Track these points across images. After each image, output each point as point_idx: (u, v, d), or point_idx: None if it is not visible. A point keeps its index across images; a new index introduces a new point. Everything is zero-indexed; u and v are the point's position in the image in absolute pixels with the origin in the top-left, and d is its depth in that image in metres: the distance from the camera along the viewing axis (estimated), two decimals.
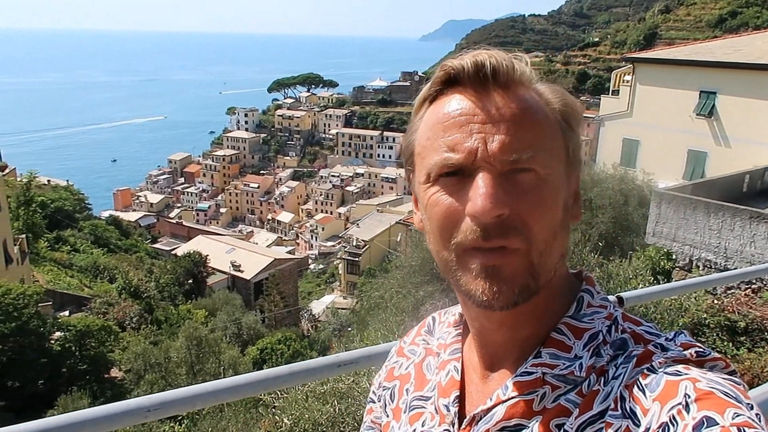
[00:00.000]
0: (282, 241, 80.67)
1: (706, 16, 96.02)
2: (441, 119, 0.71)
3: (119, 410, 0.93)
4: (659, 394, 0.61)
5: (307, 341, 30.43)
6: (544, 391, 0.70)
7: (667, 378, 0.62)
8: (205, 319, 29.74)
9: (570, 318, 0.73)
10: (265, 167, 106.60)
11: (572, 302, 0.75)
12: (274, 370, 1.11)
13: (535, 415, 0.69)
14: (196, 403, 1.00)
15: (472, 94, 0.70)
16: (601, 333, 0.71)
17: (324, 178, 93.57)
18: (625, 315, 0.74)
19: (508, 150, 0.67)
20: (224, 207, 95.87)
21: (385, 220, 52.72)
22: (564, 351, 0.71)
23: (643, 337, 0.70)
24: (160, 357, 20.84)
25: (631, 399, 0.63)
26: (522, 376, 0.71)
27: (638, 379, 0.64)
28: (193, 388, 1.03)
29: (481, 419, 0.73)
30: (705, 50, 23.35)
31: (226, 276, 44.04)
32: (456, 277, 0.71)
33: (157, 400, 0.97)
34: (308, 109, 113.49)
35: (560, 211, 0.71)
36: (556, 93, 0.74)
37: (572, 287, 0.77)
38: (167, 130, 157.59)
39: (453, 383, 0.80)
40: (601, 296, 0.76)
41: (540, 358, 0.71)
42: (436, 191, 0.70)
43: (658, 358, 0.65)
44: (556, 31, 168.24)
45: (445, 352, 0.85)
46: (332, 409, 4.09)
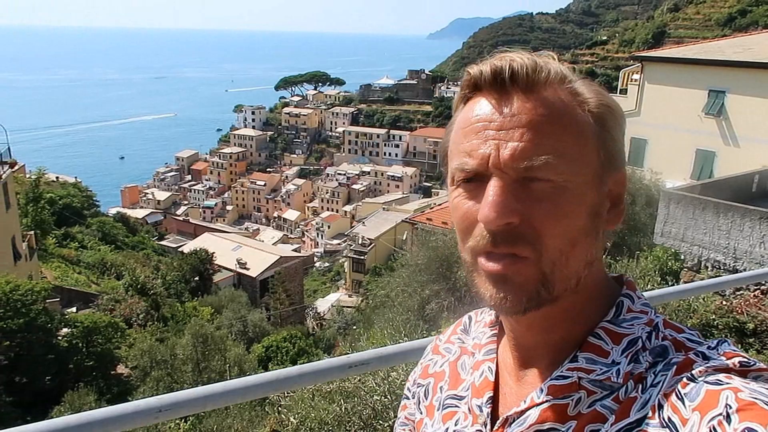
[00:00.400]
0: (288, 238, 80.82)
1: (715, 15, 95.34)
2: (463, 124, 0.72)
3: (130, 410, 0.93)
4: (699, 404, 0.59)
5: (312, 339, 30.47)
6: (580, 396, 0.68)
7: (708, 387, 0.60)
8: (211, 316, 29.85)
9: (608, 323, 0.72)
10: (271, 165, 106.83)
11: (611, 307, 0.73)
12: (284, 371, 1.10)
13: (569, 420, 0.68)
14: (207, 404, 0.99)
15: (491, 99, 0.70)
16: (641, 339, 0.69)
17: (330, 176, 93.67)
18: (667, 321, 0.72)
19: (519, 157, 0.66)
20: (231, 204, 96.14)
21: (391, 218, 52.65)
22: (601, 356, 0.69)
23: (684, 344, 0.68)
24: (166, 354, 20.89)
25: (670, 408, 0.61)
26: (557, 380, 0.70)
27: (677, 388, 0.62)
28: (204, 389, 1.02)
29: (514, 421, 0.72)
30: (714, 49, 23.20)
31: (232, 273, 44.16)
32: (472, 278, 0.72)
33: (168, 401, 0.97)
34: (315, 107, 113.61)
35: (583, 219, 0.69)
36: (592, 92, 0.72)
37: (611, 291, 0.75)
38: (175, 127, 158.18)
39: (487, 384, 0.80)
40: (642, 301, 0.74)
41: (576, 362, 0.70)
42: (457, 195, 0.72)
43: (698, 366, 0.63)
44: (564, 30, 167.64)
45: (479, 352, 0.85)
46: (339, 408, 4.09)
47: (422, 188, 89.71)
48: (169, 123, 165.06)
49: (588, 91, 0.72)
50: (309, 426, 4.06)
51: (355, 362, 1.17)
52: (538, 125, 0.67)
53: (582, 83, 0.72)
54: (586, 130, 0.69)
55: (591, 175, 0.69)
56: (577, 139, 0.68)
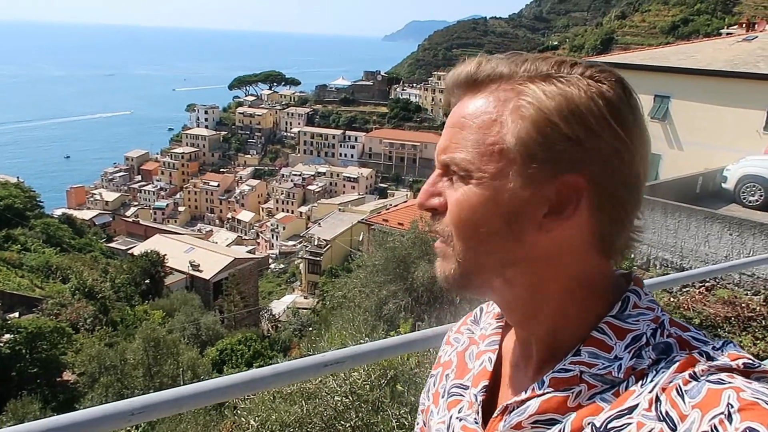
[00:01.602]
0: (242, 240, 79.71)
1: (659, 23, 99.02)
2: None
3: (100, 414, 0.90)
4: (700, 402, 0.59)
5: (267, 342, 30.13)
6: (580, 389, 0.69)
7: (710, 386, 0.60)
8: (162, 319, 29.18)
9: (613, 318, 0.71)
10: (225, 165, 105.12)
11: (617, 302, 0.73)
12: (258, 371, 1.08)
13: (568, 411, 0.69)
14: (180, 406, 0.96)
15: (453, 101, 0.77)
16: (645, 335, 0.70)
17: (285, 177, 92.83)
18: (673, 320, 0.72)
19: (441, 151, 0.73)
20: (183, 205, 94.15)
21: (347, 219, 52.58)
22: (604, 351, 0.70)
23: (689, 343, 0.68)
24: (115, 359, 20.32)
25: (669, 402, 0.61)
26: (559, 373, 0.71)
27: (678, 384, 0.62)
28: (176, 391, 0.99)
29: (514, 410, 0.73)
30: (660, 56, 24.08)
31: (185, 276, 43.29)
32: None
33: (140, 404, 0.94)
34: (270, 107, 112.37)
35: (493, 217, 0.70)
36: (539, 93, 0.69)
37: (617, 288, 0.75)
38: (124, 126, 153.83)
39: (484, 373, 0.82)
40: (649, 298, 0.74)
41: (579, 356, 0.71)
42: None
43: (701, 365, 0.63)
44: (517, 34, 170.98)
45: (483, 342, 0.86)
46: (300, 410, 4.05)
47: (378, 189, 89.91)
48: (118, 122, 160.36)
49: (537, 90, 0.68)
50: (270, 428, 4.00)
51: (330, 361, 1.16)
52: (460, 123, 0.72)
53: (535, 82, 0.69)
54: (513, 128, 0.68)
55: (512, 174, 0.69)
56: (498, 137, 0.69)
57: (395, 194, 79.30)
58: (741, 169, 10.40)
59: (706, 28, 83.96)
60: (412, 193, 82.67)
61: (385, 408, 4.27)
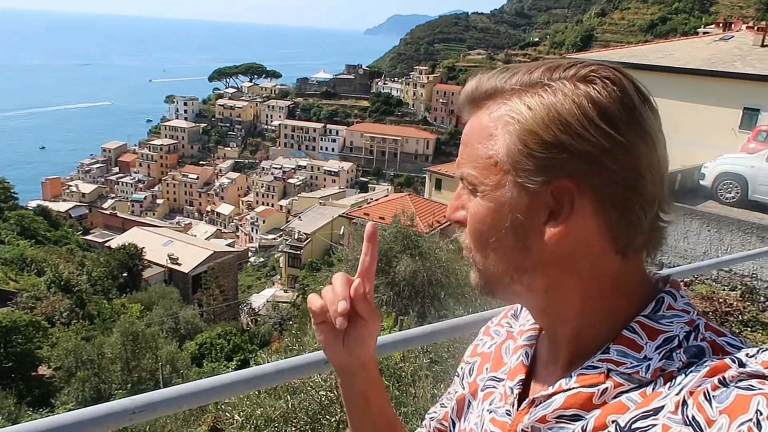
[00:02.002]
0: (221, 233, 79.09)
1: (638, 21, 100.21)
2: None
3: (102, 413, 0.88)
4: (728, 407, 0.57)
5: (247, 335, 29.99)
6: (607, 387, 0.69)
7: (739, 392, 0.58)
8: (140, 313, 28.88)
9: (645, 317, 0.71)
10: (204, 158, 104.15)
11: (649, 303, 0.72)
12: (260, 368, 1.07)
13: (593, 408, 0.69)
14: (182, 403, 0.95)
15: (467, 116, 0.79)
16: (678, 338, 0.68)
17: (266, 170, 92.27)
18: (708, 324, 0.71)
19: (457, 167, 0.77)
20: (161, 198, 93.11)
21: (328, 213, 52.45)
22: (634, 350, 0.69)
23: (723, 348, 0.67)
24: (93, 353, 20.07)
25: (695, 407, 0.60)
26: (587, 369, 0.71)
27: (707, 388, 0.60)
28: (178, 389, 0.98)
29: (540, 404, 0.74)
30: (639, 54, 24.36)
31: (163, 269, 42.88)
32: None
33: (142, 402, 0.92)
34: (250, 99, 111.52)
35: (502, 229, 0.73)
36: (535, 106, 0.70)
37: (651, 289, 0.74)
38: (101, 117, 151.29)
39: (520, 367, 0.83)
40: (685, 301, 0.73)
41: (608, 353, 0.70)
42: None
43: (732, 371, 0.61)
44: (498, 30, 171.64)
45: (521, 337, 0.87)
46: (285, 404, 4.03)
47: (359, 183, 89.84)
48: (95, 112, 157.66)
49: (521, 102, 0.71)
50: (254, 423, 3.98)
51: None
52: (469, 139, 0.76)
53: (521, 95, 0.72)
54: (499, 143, 0.72)
55: (511, 185, 0.71)
56: (498, 151, 0.72)
57: (376, 188, 79.38)
58: (718, 167, 10.57)
59: (683, 26, 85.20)
60: (393, 187, 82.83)
61: None
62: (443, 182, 45.97)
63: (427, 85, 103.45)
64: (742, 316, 6.82)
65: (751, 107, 20.40)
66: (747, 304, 7.46)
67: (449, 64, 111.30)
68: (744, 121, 20.30)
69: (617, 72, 0.71)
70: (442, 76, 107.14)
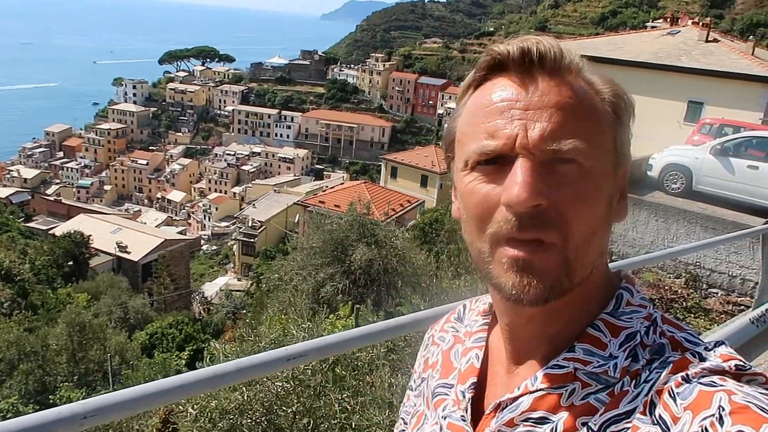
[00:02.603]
0: (172, 221, 77.39)
1: (590, 14, 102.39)
2: (483, 105, 0.69)
3: (49, 419, 0.81)
4: (691, 404, 0.58)
5: (200, 324, 29.50)
6: (574, 387, 0.67)
7: (701, 388, 0.59)
8: (87, 303, 28.00)
9: (608, 315, 0.70)
10: (154, 143, 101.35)
11: (609, 300, 0.72)
12: (221, 366, 1.03)
13: (561, 411, 0.67)
14: (137, 406, 0.89)
15: (516, 80, 0.68)
16: (639, 333, 0.69)
17: (218, 157, 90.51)
18: (665, 317, 0.71)
19: (549, 138, 0.64)
20: (109, 184, 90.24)
21: (283, 200, 51.92)
22: (599, 348, 0.68)
23: (681, 344, 0.67)
24: (36, 345, 19.35)
25: (662, 406, 0.61)
26: (553, 369, 0.69)
27: (671, 386, 0.61)
28: (134, 390, 0.92)
29: (506, 407, 0.71)
30: (591, 46, 24.91)
31: (112, 257, 41.70)
32: (488, 269, 0.69)
33: (94, 406, 0.86)
34: (203, 83, 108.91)
35: (603, 207, 0.68)
36: (606, 83, 0.71)
37: (611, 285, 0.74)
38: (44, 99, 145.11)
39: (471, 370, 0.80)
40: (641, 296, 0.73)
41: (573, 352, 0.69)
42: (473, 179, 0.69)
43: (694, 367, 0.62)
44: (454, 19, 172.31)
45: (469, 339, 0.84)
46: (241, 396, 3.97)
47: (314, 171, 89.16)
48: (38, 94, 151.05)
49: (602, 81, 0.71)
50: (209, 416, 3.91)
51: (294, 354, 1.12)
52: (566, 108, 0.65)
53: (594, 74, 0.71)
54: (604, 118, 0.69)
55: (610, 163, 0.68)
56: (599, 126, 0.68)
57: (332, 176, 78.88)
58: (665, 159, 10.91)
59: (633, 20, 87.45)
60: (349, 174, 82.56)
61: (327, 392, 4.25)
62: (399, 170, 46.18)
63: (384, 72, 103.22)
64: (686, 302, 7.10)
65: (696, 100, 21.19)
66: (691, 291, 7.78)
67: (405, 52, 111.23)
68: (689, 113, 21.09)
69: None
70: (398, 63, 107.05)
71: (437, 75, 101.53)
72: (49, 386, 18.07)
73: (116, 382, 17.81)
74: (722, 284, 8.18)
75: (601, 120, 0.68)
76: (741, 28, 74.16)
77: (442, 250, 17.78)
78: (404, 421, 0.94)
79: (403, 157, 48.16)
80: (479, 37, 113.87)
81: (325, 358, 3.95)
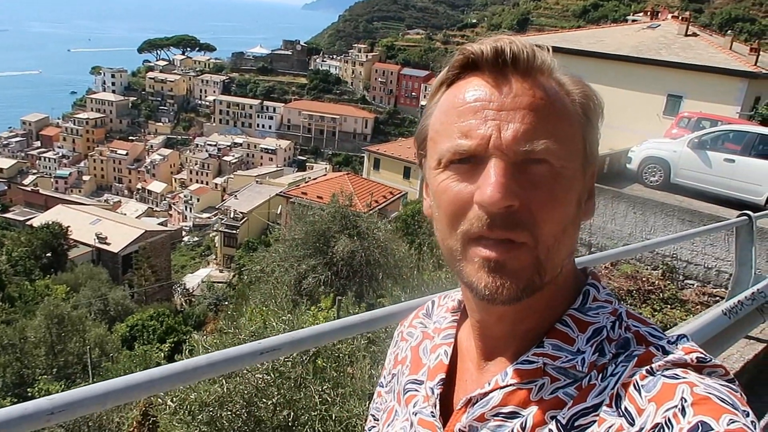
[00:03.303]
0: (153, 212, 76.60)
1: (572, 6, 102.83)
2: (456, 104, 0.69)
3: (15, 415, 0.80)
4: (655, 395, 0.61)
5: (181, 316, 29.28)
6: (543, 382, 0.69)
7: (665, 380, 0.61)
8: (66, 295, 27.66)
9: (575, 311, 0.72)
10: (134, 133, 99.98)
11: (576, 296, 0.74)
12: (192, 360, 1.02)
13: (531, 405, 0.69)
14: (106, 401, 0.89)
15: (489, 80, 0.68)
16: (605, 328, 0.70)
17: (200, 147, 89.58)
18: (629, 312, 0.73)
19: (522, 139, 0.65)
20: (88, 174, 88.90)
21: (265, 191, 51.67)
22: (567, 343, 0.70)
23: (646, 338, 0.69)
24: (14, 337, 19.09)
25: (627, 398, 0.62)
26: (522, 364, 0.71)
27: (636, 379, 0.63)
28: (101, 386, 0.92)
29: (477, 403, 0.72)
30: (572, 38, 25.04)
31: (91, 249, 41.20)
32: (459, 267, 0.70)
33: (61, 401, 0.85)
34: (183, 73, 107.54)
35: (573, 207, 0.69)
36: (577, 84, 0.72)
37: (577, 282, 0.76)
38: (19, 88, 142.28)
39: (440, 366, 0.80)
40: (606, 292, 0.75)
41: (542, 348, 0.70)
42: (446, 178, 0.69)
43: (658, 360, 0.64)
44: (437, 10, 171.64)
45: (438, 336, 0.85)
46: (220, 389, 3.96)
47: (297, 162, 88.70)
48: (15, 83, 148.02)
49: (572, 82, 0.72)
50: (188, 409, 3.89)
51: (267, 348, 1.12)
52: (538, 109, 0.66)
53: (564, 75, 0.72)
54: (575, 119, 0.70)
55: (579, 163, 0.70)
56: (570, 127, 0.69)
57: (314, 167, 78.58)
58: (644, 151, 11.04)
59: (614, 14, 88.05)
60: (331, 166, 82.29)
61: (308, 384, 4.26)
62: (382, 162, 46.15)
63: (366, 63, 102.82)
64: (662, 294, 7.21)
65: (675, 94, 21.43)
66: (667, 283, 7.89)
67: (388, 43, 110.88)
68: (668, 107, 21.32)
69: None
70: (381, 54, 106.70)
71: (420, 66, 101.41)
72: (28, 379, 17.85)
73: (96, 374, 17.65)
74: (698, 276, 8.32)
75: (571, 121, 0.69)
76: (719, 23, 75.19)
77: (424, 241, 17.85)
78: (374, 418, 0.95)
79: (386, 149, 48.14)
80: (462, 28, 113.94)
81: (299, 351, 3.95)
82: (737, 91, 20.20)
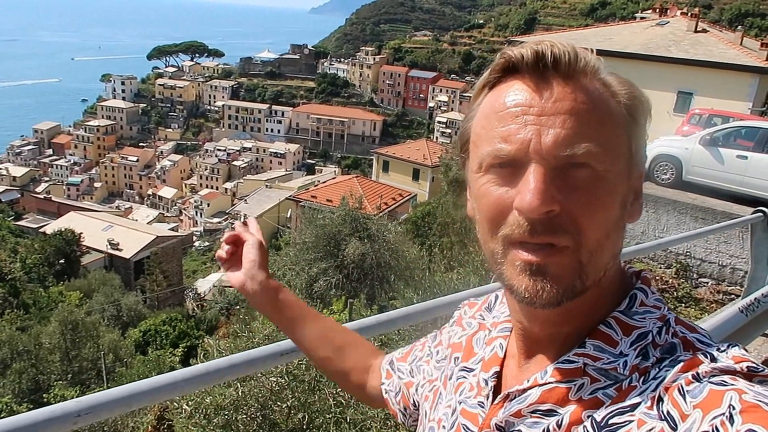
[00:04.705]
0: (164, 217, 77.04)
1: (579, 5, 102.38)
2: (497, 108, 0.69)
3: (43, 417, 0.81)
4: (702, 402, 0.58)
5: (193, 321, 29.43)
6: (583, 382, 0.68)
7: (712, 387, 0.59)
8: (80, 301, 27.89)
9: (620, 313, 0.71)
10: (144, 139, 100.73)
11: (623, 300, 0.72)
12: (213, 363, 1.03)
13: (569, 404, 0.68)
14: (131, 403, 0.90)
15: (530, 84, 0.68)
16: (651, 333, 0.69)
17: (209, 152, 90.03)
18: (678, 319, 0.72)
19: (562, 144, 0.64)
20: (99, 181, 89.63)
21: (274, 196, 51.81)
22: (610, 345, 0.69)
23: (693, 344, 0.67)
24: (29, 344, 19.27)
25: (670, 402, 0.61)
26: (563, 364, 0.70)
27: (681, 384, 0.61)
28: (127, 388, 0.93)
29: (515, 398, 0.73)
30: (580, 37, 24.93)
31: (103, 255, 41.46)
32: (501, 269, 0.70)
33: (87, 404, 0.86)
34: (192, 79, 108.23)
35: (617, 210, 0.68)
36: (623, 85, 0.71)
37: (625, 285, 0.75)
38: (31, 97, 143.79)
39: (495, 359, 0.81)
40: (656, 297, 0.74)
41: (584, 348, 0.70)
42: (486, 181, 0.69)
43: (705, 367, 0.62)
44: (444, 11, 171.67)
45: (495, 329, 0.86)
46: (235, 392, 3.98)
47: (306, 165, 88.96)
48: (26, 92, 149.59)
49: (618, 83, 0.71)
50: (204, 412, 3.91)
51: (287, 350, 1.13)
52: (580, 113, 0.65)
53: (610, 76, 0.71)
54: (620, 121, 0.68)
55: (624, 166, 0.68)
56: (614, 129, 0.67)
57: (323, 170, 78.81)
58: (655, 149, 10.95)
59: (622, 11, 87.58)
60: (340, 169, 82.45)
61: (322, 387, 4.27)
62: (390, 164, 46.18)
63: (374, 66, 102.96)
64: (677, 292, 7.15)
65: (685, 91, 21.27)
66: (681, 281, 7.83)
67: (395, 45, 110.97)
68: (678, 104, 21.16)
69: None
70: (388, 57, 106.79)
71: (428, 68, 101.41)
72: (43, 385, 18.01)
73: (110, 380, 17.77)
74: (712, 274, 8.24)
75: (616, 123, 0.68)
76: (729, 18, 74.52)
77: (435, 243, 17.83)
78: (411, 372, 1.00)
79: (395, 151, 48.20)
80: (469, 29, 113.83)
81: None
82: (748, 86, 20.01)
